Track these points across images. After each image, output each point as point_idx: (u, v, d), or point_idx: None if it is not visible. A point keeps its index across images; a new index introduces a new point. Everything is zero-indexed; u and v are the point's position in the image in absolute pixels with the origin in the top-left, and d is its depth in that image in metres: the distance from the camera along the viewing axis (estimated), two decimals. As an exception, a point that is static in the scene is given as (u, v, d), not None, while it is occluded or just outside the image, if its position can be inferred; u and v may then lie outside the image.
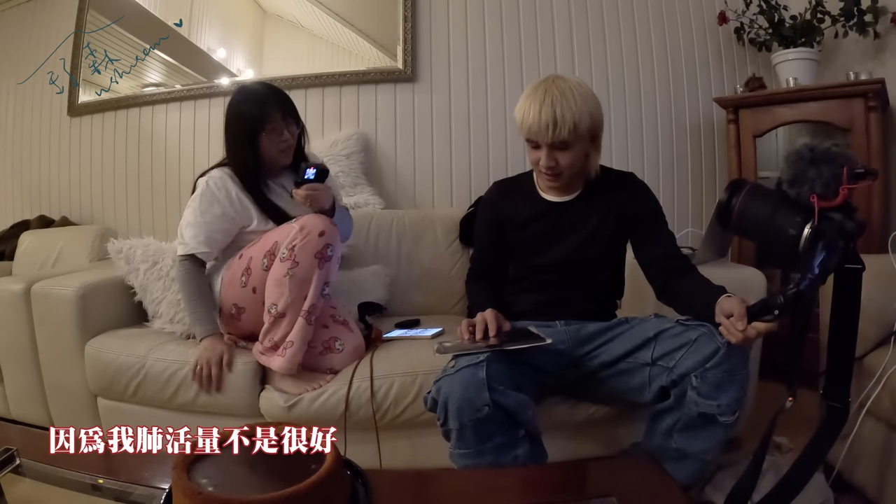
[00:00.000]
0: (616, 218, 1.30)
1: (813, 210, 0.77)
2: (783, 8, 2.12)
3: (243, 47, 2.51)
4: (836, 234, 0.74)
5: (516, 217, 1.34)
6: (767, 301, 0.86)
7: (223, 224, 1.50)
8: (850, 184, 0.74)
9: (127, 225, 2.52)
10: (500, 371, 1.06)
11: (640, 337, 1.20)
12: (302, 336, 1.36)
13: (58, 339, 1.60)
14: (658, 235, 1.30)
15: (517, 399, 1.07)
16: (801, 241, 0.78)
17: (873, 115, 1.81)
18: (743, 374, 1.08)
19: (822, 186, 0.78)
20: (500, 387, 1.04)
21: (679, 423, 1.14)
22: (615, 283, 1.40)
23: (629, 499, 0.79)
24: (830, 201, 0.75)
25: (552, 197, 1.33)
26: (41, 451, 0.81)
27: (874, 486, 1.17)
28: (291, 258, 1.33)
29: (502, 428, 1.06)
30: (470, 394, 1.02)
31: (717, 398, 1.07)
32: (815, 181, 0.78)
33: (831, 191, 0.76)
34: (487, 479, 0.97)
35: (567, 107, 1.15)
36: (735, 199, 0.87)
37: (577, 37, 2.33)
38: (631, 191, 1.33)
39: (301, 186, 1.40)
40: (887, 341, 1.18)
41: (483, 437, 1.05)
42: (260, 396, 1.41)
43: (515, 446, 1.08)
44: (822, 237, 0.74)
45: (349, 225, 1.67)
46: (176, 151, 2.48)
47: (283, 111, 1.48)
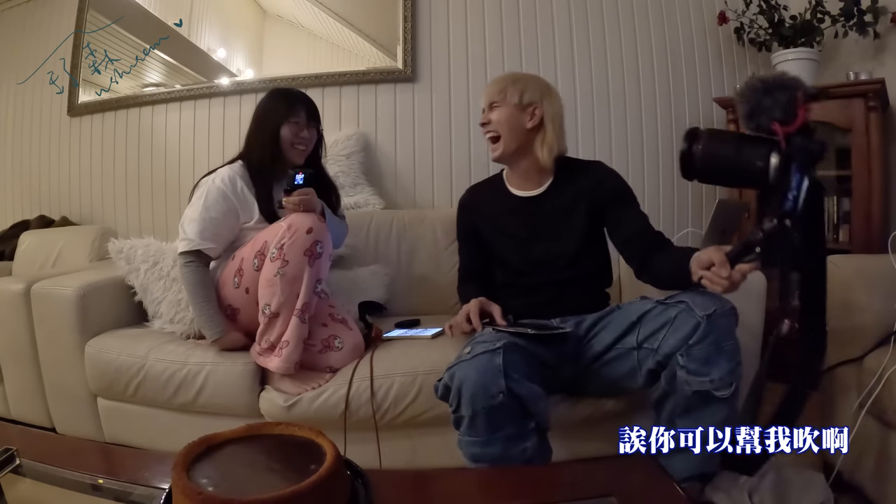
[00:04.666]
0: (587, 205, 1.33)
1: (775, 139, 0.77)
2: (783, 8, 2.12)
3: (243, 47, 2.51)
4: (804, 154, 0.74)
5: (489, 214, 1.40)
6: (747, 240, 0.86)
7: (229, 219, 1.50)
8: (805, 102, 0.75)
9: (127, 225, 2.51)
10: (515, 360, 1.06)
11: (625, 322, 1.20)
12: (297, 335, 1.36)
13: (58, 339, 1.60)
14: (630, 215, 1.33)
15: (531, 389, 1.07)
16: (770, 171, 0.77)
17: (873, 115, 1.81)
18: (730, 343, 1.07)
19: (780, 112, 0.77)
20: (516, 375, 1.04)
21: (678, 407, 1.12)
22: (602, 273, 1.41)
23: (629, 499, 0.79)
24: (791, 125, 0.75)
25: (522, 192, 1.38)
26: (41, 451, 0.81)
27: (874, 486, 1.17)
28: (281, 257, 1.33)
29: (514, 418, 1.06)
30: (486, 379, 1.02)
31: (709, 373, 1.06)
32: (772, 108, 0.78)
33: (790, 115, 0.76)
34: (487, 478, 0.98)
35: (503, 78, 1.37)
36: (696, 146, 0.85)
37: (576, 37, 2.33)
38: (598, 177, 1.37)
39: (292, 193, 1.39)
40: (887, 341, 1.17)
41: (494, 427, 1.04)
42: (260, 397, 1.42)
43: (525, 438, 1.08)
44: (792, 160, 0.75)
45: (343, 232, 1.67)
46: (176, 151, 2.48)
47: (307, 112, 1.54)
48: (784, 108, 0.77)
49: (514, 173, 1.41)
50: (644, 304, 1.21)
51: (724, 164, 0.84)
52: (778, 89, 0.78)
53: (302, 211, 1.38)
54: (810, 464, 1.34)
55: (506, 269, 1.39)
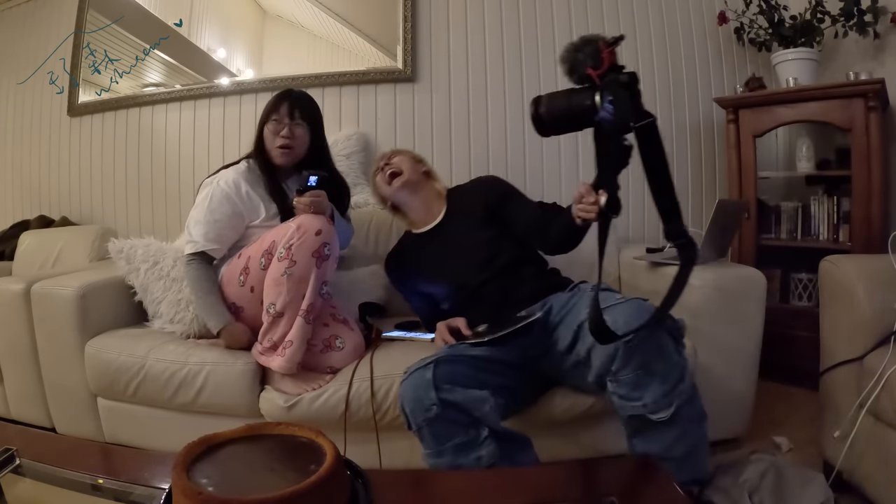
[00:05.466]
0: (482, 207, 1.49)
1: (594, 81, 0.98)
2: (783, 8, 2.12)
3: (243, 47, 2.51)
4: (615, 83, 0.96)
5: (411, 261, 1.57)
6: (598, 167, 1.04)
7: (233, 221, 1.51)
8: (607, 47, 0.98)
9: (127, 225, 2.51)
10: (449, 371, 1.10)
11: (574, 324, 1.20)
12: (301, 335, 1.36)
13: (58, 339, 1.60)
14: (521, 207, 1.47)
15: (468, 395, 1.08)
16: (597, 105, 0.97)
17: (873, 115, 1.81)
18: (662, 364, 1.05)
19: (591, 60, 0.98)
20: (447, 385, 1.08)
21: (628, 427, 1.12)
22: (529, 258, 1.46)
23: (629, 499, 0.79)
24: (601, 67, 0.97)
25: (425, 228, 1.58)
26: (41, 451, 0.81)
27: (874, 486, 1.17)
28: (289, 257, 1.33)
29: (462, 428, 1.08)
30: (419, 394, 1.08)
31: (640, 398, 1.05)
32: (585, 60, 0.99)
33: (598, 60, 0.98)
34: (487, 479, 0.98)
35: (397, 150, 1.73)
36: (542, 108, 1.04)
37: (576, 36, 2.32)
38: (483, 188, 1.57)
39: (304, 194, 1.40)
40: (887, 341, 1.17)
41: (440, 438, 1.08)
42: (260, 397, 1.41)
43: (478, 447, 1.08)
44: (607, 88, 0.96)
45: (349, 235, 1.68)
46: (176, 151, 2.48)
47: (291, 108, 1.52)
48: (593, 56, 0.99)
49: (414, 211, 1.61)
50: (582, 308, 1.20)
51: (563, 114, 1.02)
52: (585, 45, 1.00)
53: (312, 213, 1.39)
54: (810, 464, 1.34)
55: (445, 296, 1.49)
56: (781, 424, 1.66)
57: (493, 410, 1.10)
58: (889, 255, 1.24)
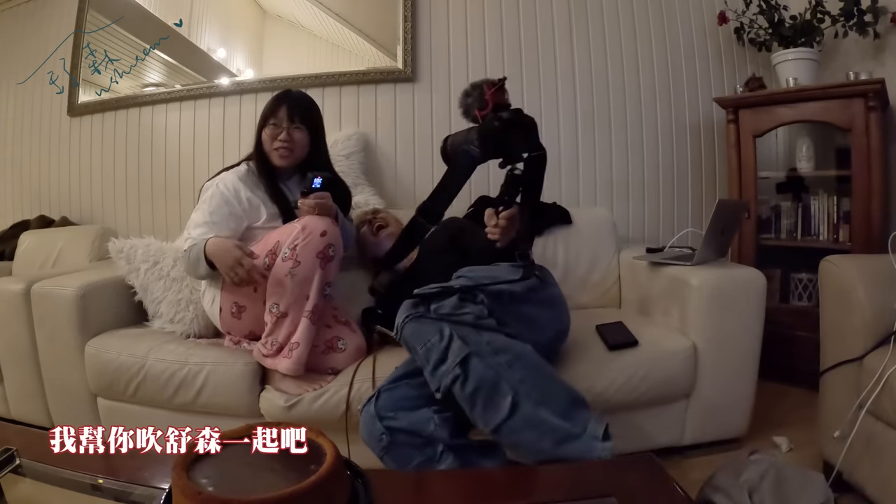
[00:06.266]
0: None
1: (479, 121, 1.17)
2: (783, 8, 2.12)
3: (243, 47, 2.51)
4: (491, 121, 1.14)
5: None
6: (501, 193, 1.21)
7: (231, 223, 1.51)
8: (490, 90, 1.15)
9: (127, 225, 2.51)
10: (394, 397, 1.14)
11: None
12: (307, 337, 1.36)
13: (58, 339, 1.60)
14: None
15: (411, 419, 1.11)
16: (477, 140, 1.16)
17: (873, 115, 1.81)
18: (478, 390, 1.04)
19: (477, 103, 1.17)
20: (390, 413, 1.11)
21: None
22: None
23: (629, 499, 0.79)
24: (486, 108, 1.15)
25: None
26: (41, 451, 0.81)
27: (874, 486, 1.17)
28: (293, 257, 1.33)
29: (417, 449, 1.11)
30: (369, 429, 1.13)
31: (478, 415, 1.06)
32: (473, 104, 1.18)
33: (483, 102, 1.16)
34: (486, 479, 0.98)
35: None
36: (448, 144, 1.28)
37: (576, 37, 2.33)
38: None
39: (308, 196, 1.40)
40: (887, 341, 1.17)
41: (402, 462, 1.11)
42: (260, 397, 1.42)
43: (436, 463, 1.11)
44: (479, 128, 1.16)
45: (351, 236, 1.68)
46: (176, 151, 2.48)
47: (290, 111, 1.51)
48: (479, 99, 1.17)
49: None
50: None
51: (460, 147, 1.22)
52: (473, 89, 1.19)
53: (317, 214, 1.39)
54: (810, 464, 1.34)
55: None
56: (781, 424, 1.66)
57: (439, 426, 1.12)
58: (889, 255, 1.24)
